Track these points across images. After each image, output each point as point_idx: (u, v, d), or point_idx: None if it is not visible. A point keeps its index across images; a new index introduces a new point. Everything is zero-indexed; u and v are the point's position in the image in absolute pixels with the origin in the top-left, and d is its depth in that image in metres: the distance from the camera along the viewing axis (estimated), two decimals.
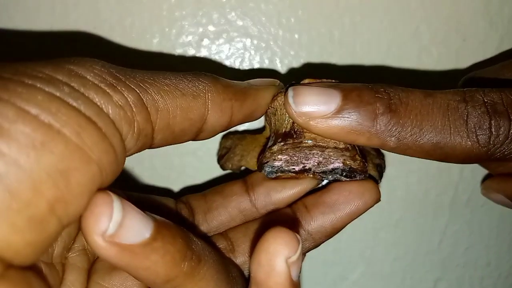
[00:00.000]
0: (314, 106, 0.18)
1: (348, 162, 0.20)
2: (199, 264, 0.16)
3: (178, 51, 0.26)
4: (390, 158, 0.29)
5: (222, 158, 0.23)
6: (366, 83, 0.19)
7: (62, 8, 0.25)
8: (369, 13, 0.26)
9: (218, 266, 0.17)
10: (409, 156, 0.18)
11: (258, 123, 0.24)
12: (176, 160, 0.28)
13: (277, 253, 0.15)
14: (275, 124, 0.21)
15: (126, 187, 0.22)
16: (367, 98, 0.18)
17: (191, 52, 0.26)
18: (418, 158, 0.29)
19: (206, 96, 0.17)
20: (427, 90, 0.18)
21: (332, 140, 0.19)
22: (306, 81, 0.20)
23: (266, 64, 0.26)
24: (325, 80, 0.20)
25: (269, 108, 0.20)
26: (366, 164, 0.20)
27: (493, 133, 0.17)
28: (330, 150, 0.19)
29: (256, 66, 0.26)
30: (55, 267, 0.17)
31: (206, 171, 0.28)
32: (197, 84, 0.17)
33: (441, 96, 0.18)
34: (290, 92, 0.18)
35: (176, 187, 0.28)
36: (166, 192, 0.28)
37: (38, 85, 0.13)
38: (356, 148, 0.20)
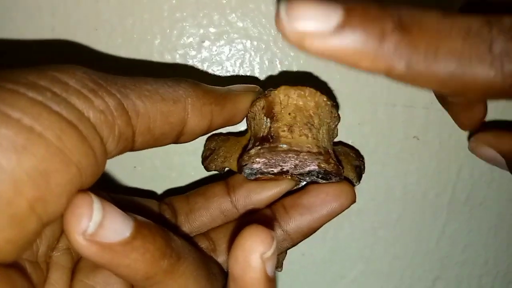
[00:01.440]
0: (311, 21, 0.14)
1: (322, 165, 0.20)
2: (178, 261, 0.17)
3: (179, 52, 0.26)
4: (389, 157, 0.29)
5: (206, 159, 0.24)
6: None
7: (63, 8, 0.25)
8: None
9: (198, 263, 0.18)
10: (419, 87, 0.16)
11: (243, 125, 0.25)
12: (176, 160, 0.28)
13: (253, 249, 0.15)
14: (254, 128, 0.21)
15: (111, 189, 0.22)
16: (374, 13, 0.15)
17: (192, 53, 0.26)
18: (417, 157, 0.29)
19: (186, 100, 0.18)
20: (445, 12, 0.15)
21: (306, 145, 0.20)
22: (283, 88, 0.20)
23: (266, 66, 0.27)
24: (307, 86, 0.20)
25: (249, 113, 0.21)
26: (340, 167, 0.21)
27: None
28: (305, 154, 0.20)
29: (257, 67, 0.27)
30: (40, 265, 0.18)
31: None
32: (177, 89, 0.18)
33: (462, 19, 0.15)
34: (283, 6, 0.15)
35: (176, 186, 0.28)
36: (150, 194, 0.28)
37: (21, 91, 0.14)
38: (330, 152, 0.21)
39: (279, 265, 0.26)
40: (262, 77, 0.27)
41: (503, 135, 0.24)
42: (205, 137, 0.26)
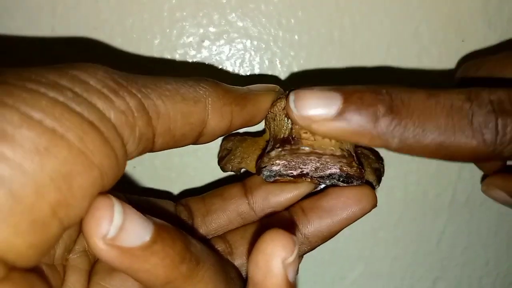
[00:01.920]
0: (315, 110, 0.18)
1: (345, 168, 0.20)
2: (197, 266, 0.16)
3: (179, 52, 0.26)
4: (390, 158, 0.29)
5: (222, 160, 0.24)
6: (368, 85, 0.19)
7: (63, 8, 0.25)
8: (369, 14, 0.26)
9: (217, 267, 0.18)
10: (414, 156, 0.18)
11: (259, 125, 0.25)
12: (176, 160, 0.28)
13: (274, 254, 0.15)
14: (274, 129, 0.21)
15: (127, 190, 0.22)
16: (368, 100, 0.18)
17: (192, 53, 0.26)
18: (417, 158, 0.29)
19: (207, 101, 0.18)
20: (430, 90, 0.18)
21: (329, 147, 0.19)
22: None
23: (266, 65, 0.27)
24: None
25: (268, 113, 0.21)
26: (363, 171, 0.20)
27: (500, 132, 0.17)
28: (327, 156, 0.19)
29: (257, 67, 0.27)
30: (56, 268, 0.17)
31: (206, 172, 0.28)
32: (197, 89, 0.18)
33: (445, 96, 0.18)
34: (291, 96, 0.18)
35: (176, 188, 0.28)
36: (165, 194, 0.28)
37: (42, 91, 0.13)
38: (353, 155, 0.20)
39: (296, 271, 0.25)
40: (261, 76, 0.27)
41: (510, 178, 0.25)
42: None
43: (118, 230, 0.14)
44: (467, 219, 0.31)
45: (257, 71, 0.27)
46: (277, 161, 0.20)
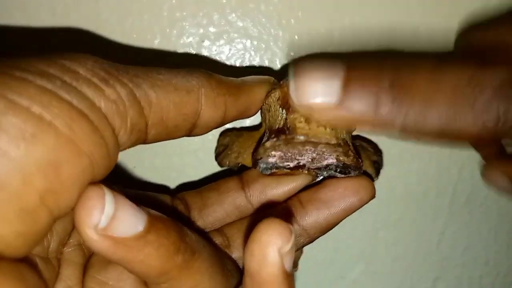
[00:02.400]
0: (315, 98, 0.17)
1: (341, 158, 0.19)
2: (193, 257, 0.16)
3: (179, 52, 0.26)
4: (390, 158, 0.29)
5: (219, 155, 0.23)
6: (369, 60, 0.18)
7: (63, 8, 0.25)
8: (369, 14, 0.26)
9: (213, 259, 0.18)
10: (415, 141, 0.18)
11: (257, 119, 0.24)
12: (176, 160, 0.28)
13: (270, 243, 0.15)
14: (269, 120, 0.21)
15: (124, 184, 0.22)
16: (369, 84, 0.17)
17: (192, 53, 0.26)
18: (418, 158, 0.29)
19: (200, 91, 0.17)
20: (435, 64, 0.17)
21: (324, 136, 0.19)
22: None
23: (266, 65, 0.27)
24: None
25: (263, 105, 0.20)
26: (359, 160, 0.20)
27: (501, 118, 0.16)
28: (323, 146, 0.19)
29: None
30: (51, 261, 0.17)
31: (206, 171, 0.28)
32: (190, 79, 0.17)
33: (449, 75, 0.17)
34: (292, 86, 0.18)
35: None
36: (163, 189, 0.28)
37: (30, 79, 0.13)
38: (349, 144, 0.20)
39: (295, 265, 0.25)
40: (255, 68, 0.27)
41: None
42: (207, 135, 0.26)
43: (110, 219, 0.14)
44: (467, 219, 0.31)
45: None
46: (273, 152, 0.19)
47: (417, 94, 0.17)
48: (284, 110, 0.20)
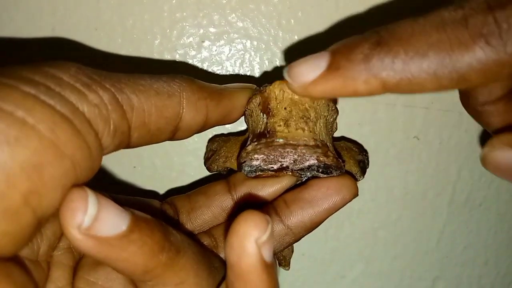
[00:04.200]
0: (307, 74, 0.17)
1: (321, 159, 0.20)
2: (178, 254, 0.17)
3: (179, 52, 0.26)
4: (389, 158, 0.29)
5: (208, 160, 0.24)
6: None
7: (64, 9, 0.25)
8: (369, 14, 0.26)
9: (198, 257, 0.18)
10: (418, 92, 0.16)
11: (244, 126, 0.25)
12: (176, 160, 0.28)
13: (247, 234, 0.15)
14: (252, 125, 0.21)
15: (114, 190, 0.23)
16: (354, 43, 0.16)
17: (192, 53, 0.26)
18: (418, 158, 0.29)
19: (181, 95, 0.18)
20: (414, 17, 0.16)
21: (302, 138, 0.20)
22: (277, 82, 0.20)
23: (266, 65, 0.27)
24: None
25: (246, 110, 0.21)
26: (339, 160, 0.21)
27: (504, 26, 0.14)
28: (302, 147, 0.20)
29: (257, 67, 0.27)
30: (41, 264, 0.18)
31: (206, 171, 0.28)
32: (172, 84, 0.18)
33: (433, 13, 0.15)
34: (285, 71, 0.18)
35: (177, 186, 0.28)
36: (152, 194, 0.28)
37: (15, 84, 0.14)
38: (328, 145, 0.21)
39: (286, 264, 0.25)
40: (261, 76, 0.27)
41: None
42: (206, 135, 0.26)
43: (93, 219, 0.14)
44: (467, 219, 0.31)
45: (257, 71, 0.27)
46: (255, 156, 0.20)
47: (403, 35, 0.15)
48: (264, 115, 0.20)
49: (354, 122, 0.28)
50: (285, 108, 0.20)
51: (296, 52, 0.27)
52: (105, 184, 0.28)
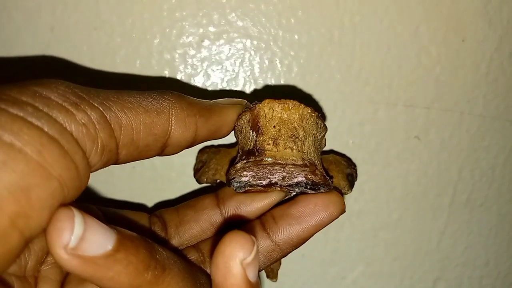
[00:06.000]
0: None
1: (309, 177, 0.20)
2: (163, 272, 0.17)
3: (179, 52, 0.26)
4: (390, 158, 0.29)
5: (198, 172, 0.24)
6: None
7: (63, 8, 0.25)
8: (369, 14, 0.26)
9: (184, 274, 0.18)
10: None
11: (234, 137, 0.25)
12: (176, 160, 0.28)
13: (232, 255, 0.15)
14: (241, 141, 0.21)
15: (102, 203, 0.22)
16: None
17: (191, 52, 0.26)
18: (418, 158, 0.29)
19: (170, 112, 0.18)
20: None
21: (290, 157, 0.20)
22: (267, 101, 0.20)
23: (266, 65, 0.27)
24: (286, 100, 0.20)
25: (236, 126, 0.21)
26: (327, 178, 0.21)
27: None
28: (290, 166, 0.20)
29: (256, 67, 0.27)
30: (28, 280, 0.18)
31: None
32: (161, 101, 0.18)
33: None
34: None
35: (176, 187, 0.28)
36: (141, 207, 0.28)
37: (2, 106, 0.14)
38: (316, 163, 0.21)
39: (274, 276, 0.25)
40: (260, 79, 0.27)
41: None
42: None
43: (79, 240, 0.14)
44: (467, 219, 0.31)
45: (257, 71, 0.27)
46: (244, 173, 0.20)
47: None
48: (254, 132, 0.21)
49: (355, 122, 0.28)
50: (274, 127, 0.20)
51: (296, 52, 0.26)
52: (102, 188, 0.27)
